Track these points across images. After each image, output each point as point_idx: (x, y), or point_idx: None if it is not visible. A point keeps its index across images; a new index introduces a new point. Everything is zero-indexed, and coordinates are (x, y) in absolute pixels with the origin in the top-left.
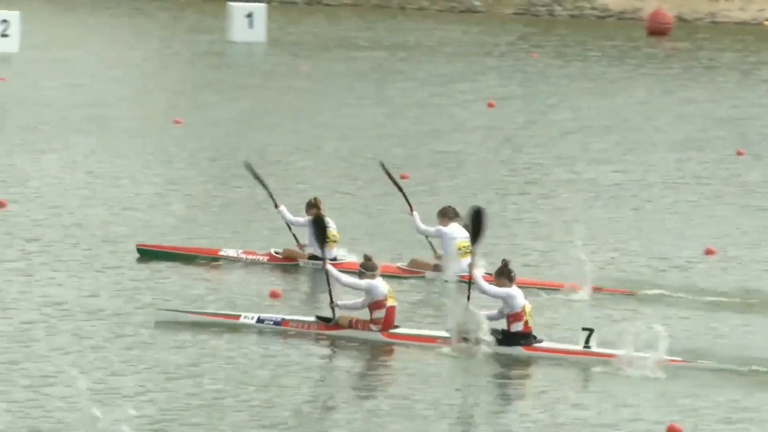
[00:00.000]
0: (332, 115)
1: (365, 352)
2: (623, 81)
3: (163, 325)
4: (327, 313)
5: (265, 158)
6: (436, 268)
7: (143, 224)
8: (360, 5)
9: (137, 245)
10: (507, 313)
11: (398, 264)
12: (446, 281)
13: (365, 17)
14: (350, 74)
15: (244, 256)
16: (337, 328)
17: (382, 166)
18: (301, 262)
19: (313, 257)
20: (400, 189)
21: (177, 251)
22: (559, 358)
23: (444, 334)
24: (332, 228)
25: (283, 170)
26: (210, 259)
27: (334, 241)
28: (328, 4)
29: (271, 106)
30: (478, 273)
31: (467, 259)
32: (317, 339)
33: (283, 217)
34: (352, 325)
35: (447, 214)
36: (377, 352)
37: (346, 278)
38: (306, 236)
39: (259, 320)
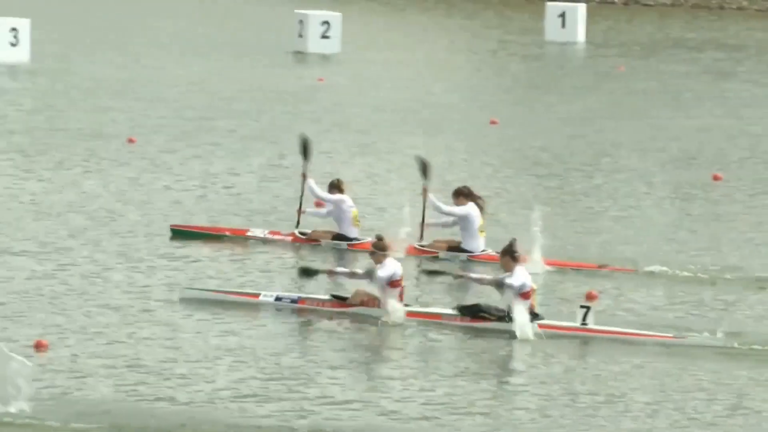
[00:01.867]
0: (660, 117)
1: (376, 329)
2: None
3: (187, 302)
4: (342, 291)
5: (592, 158)
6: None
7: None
8: (679, 5)
9: (171, 226)
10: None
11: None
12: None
13: (684, 17)
14: (675, 75)
15: (270, 236)
16: (350, 306)
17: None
18: (323, 243)
19: (336, 237)
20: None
21: (207, 231)
22: (557, 334)
23: (451, 311)
24: (355, 208)
25: (611, 172)
26: (237, 239)
27: (357, 223)
28: (645, 4)
29: (585, 106)
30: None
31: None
32: (331, 316)
33: (311, 190)
34: (363, 302)
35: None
36: (388, 328)
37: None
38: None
39: (278, 298)
